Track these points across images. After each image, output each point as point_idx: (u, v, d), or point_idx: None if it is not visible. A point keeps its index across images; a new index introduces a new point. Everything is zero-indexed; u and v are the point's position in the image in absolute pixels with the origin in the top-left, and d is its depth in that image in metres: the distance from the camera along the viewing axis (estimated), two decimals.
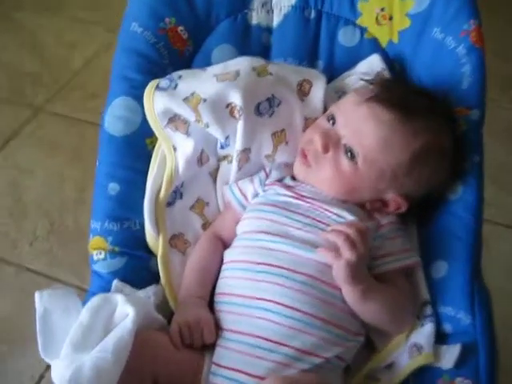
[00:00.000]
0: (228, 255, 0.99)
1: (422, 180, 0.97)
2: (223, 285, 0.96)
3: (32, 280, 1.52)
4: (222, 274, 0.98)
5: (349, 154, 0.96)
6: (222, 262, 1.00)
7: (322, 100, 1.06)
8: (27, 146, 1.87)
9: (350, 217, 0.95)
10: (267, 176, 1.04)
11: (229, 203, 1.05)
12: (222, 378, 0.86)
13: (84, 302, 0.91)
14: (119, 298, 0.89)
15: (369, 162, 0.95)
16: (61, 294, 0.92)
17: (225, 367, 0.87)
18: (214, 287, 0.98)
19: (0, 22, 2.40)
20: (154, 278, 0.99)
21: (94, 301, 0.90)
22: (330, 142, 0.97)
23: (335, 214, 0.95)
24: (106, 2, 2.41)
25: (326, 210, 0.96)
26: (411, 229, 1.03)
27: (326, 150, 0.97)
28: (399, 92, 1.00)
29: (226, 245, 1.02)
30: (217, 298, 0.96)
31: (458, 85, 1.03)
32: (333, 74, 1.15)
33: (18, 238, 1.62)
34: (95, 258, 0.99)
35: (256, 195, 1.03)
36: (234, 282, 0.94)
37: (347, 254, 0.87)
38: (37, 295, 0.91)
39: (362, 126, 0.95)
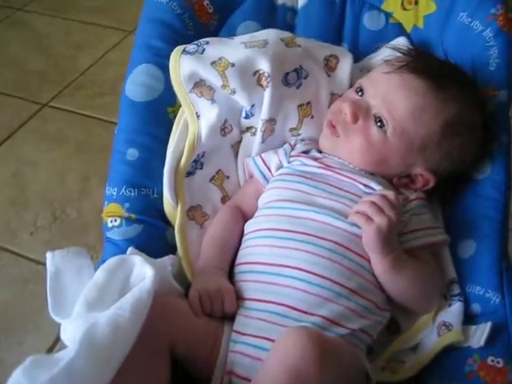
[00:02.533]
0: (250, 225, 0.95)
1: (452, 154, 0.94)
2: (245, 254, 0.92)
3: (31, 269, 1.46)
4: (243, 245, 0.94)
5: (379, 123, 0.94)
6: (242, 234, 0.96)
7: (348, 76, 1.05)
8: (31, 139, 1.84)
9: (377, 187, 0.92)
10: (292, 148, 1.02)
11: (251, 175, 1.03)
12: (243, 344, 0.81)
13: (95, 270, 0.86)
14: (137, 260, 0.85)
15: (399, 131, 0.93)
16: (73, 254, 0.88)
17: (247, 335, 0.82)
18: (233, 260, 0.95)
19: (7, 20, 2.40)
20: (170, 249, 0.95)
21: (110, 262, 0.85)
22: (360, 112, 0.95)
23: (363, 184, 0.93)
24: (114, 6, 2.42)
25: (354, 180, 0.93)
26: (436, 208, 1.01)
27: (355, 119, 0.95)
28: (431, 61, 0.99)
29: (246, 218, 0.98)
30: (238, 269, 0.91)
31: (485, 67, 1.03)
32: (357, 56, 1.13)
33: (19, 228, 1.57)
34: (109, 225, 0.95)
35: (280, 167, 1.00)
36: (258, 250, 0.90)
37: (378, 218, 0.84)
38: (48, 255, 0.87)
39: (392, 94, 0.94)
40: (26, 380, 0.64)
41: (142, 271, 0.83)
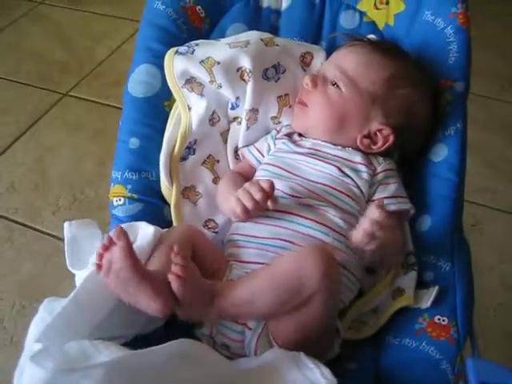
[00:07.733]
0: None
1: (402, 106, 1.09)
2: (238, 227, 1.05)
3: (54, 244, 1.62)
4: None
5: (335, 85, 1.10)
6: None
7: None
8: (52, 127, 2.00)
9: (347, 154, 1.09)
10: (278, 132, 1.17)
11: (250, 165, 1.17)
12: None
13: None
14: (142, 224, 1.01)
15: (348, 85, 1.09)
16: (86, 224, 1.05)
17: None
18: None
19: (30, 14, 2.55)
20: (167, 224, 1.10)
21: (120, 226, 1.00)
22: (318, 79, 1.12)
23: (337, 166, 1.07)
24: None
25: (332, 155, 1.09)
26: None
27: (314, 84, 1.12)
28: (377, 40, 1.18)
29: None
30: (232, 237, 1.05)
31: (445, 60, 1.15)
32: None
33: (42, 208, 1.73)
34: (115, 203, 1.11)
35: (269, 150, 1.15)
36: (249, 225, 1.02)
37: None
38: (66, 224, 1.04)
39: (342, 60, 1.13)
40: (45, 313, 0.82)
41: (146, 230, 0.99)
